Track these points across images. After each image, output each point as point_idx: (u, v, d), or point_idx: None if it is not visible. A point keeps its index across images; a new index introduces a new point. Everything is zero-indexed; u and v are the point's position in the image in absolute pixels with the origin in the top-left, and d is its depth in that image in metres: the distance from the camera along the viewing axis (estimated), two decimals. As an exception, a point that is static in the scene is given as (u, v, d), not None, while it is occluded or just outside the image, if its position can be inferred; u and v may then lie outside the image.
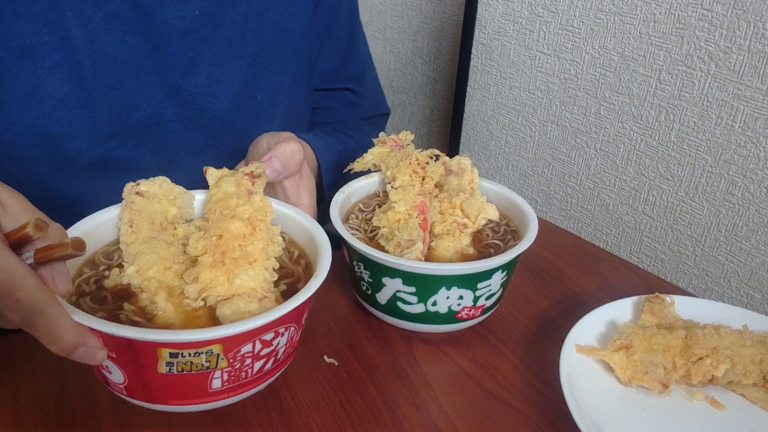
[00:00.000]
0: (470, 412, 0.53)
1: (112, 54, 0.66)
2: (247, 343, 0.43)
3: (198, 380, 0.43)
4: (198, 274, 0.48)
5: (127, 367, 0.43)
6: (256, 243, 0.50)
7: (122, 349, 0.42)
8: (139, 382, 0.43)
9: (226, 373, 0.44)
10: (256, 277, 0.48)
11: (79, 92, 0.65)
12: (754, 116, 0.93)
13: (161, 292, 0.47)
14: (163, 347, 0.41)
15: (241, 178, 0.58)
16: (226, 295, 0.47)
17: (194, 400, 0.45)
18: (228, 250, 0.49)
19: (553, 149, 1.28)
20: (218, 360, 0.42)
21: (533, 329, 0.63)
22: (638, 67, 1.07)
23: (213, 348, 0.41)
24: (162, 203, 0.55)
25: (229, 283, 0.47)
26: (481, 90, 1.42)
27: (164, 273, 0.49)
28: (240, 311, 0.45)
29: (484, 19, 1.35)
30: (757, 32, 0.90)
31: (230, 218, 0.52)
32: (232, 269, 0.47)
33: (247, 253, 0.49)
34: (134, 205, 0.53)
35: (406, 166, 0.64)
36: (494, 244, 0.61)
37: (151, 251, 0.50)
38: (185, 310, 0.47)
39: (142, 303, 0.47)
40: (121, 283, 0.49)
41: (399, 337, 0.61)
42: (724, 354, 0.52)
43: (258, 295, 0.47)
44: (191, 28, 0.69)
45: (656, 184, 1.10)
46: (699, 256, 1.07)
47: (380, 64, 1.81)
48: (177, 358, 0.41)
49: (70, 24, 0.63)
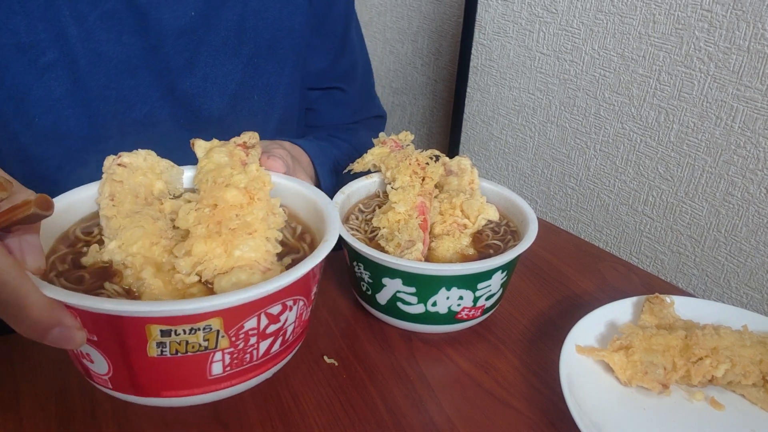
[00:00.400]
0: (470, 412, 0.53)
1: (107, 53, 0.65)
2: (251, 317, 0.38)
3: (195, 364, 0.38)
4: (191, 246, 0.42)
5: (110, 352, 0.37)
6: (255, 212, 0.45)
7: (104, 330, 0.36)
8: (126, 370, 0.38)
9: (228, 354, 0.38)
10: (257, 248, 0.43)
11: (75, 91, 0.65)
12: (754, 117, 0.93)
13: (148, 268, 0.42)
14: (153, 323, 0.35)
15: (234, 149, 0.53)
16: (224, 268, 0.42)
17: (191, 390, 0.39)
18: (224, 220, 0.44)
19: (553, 150, 1.28)
20: (218, 338, 0.37)
21: (533, 329, 0.63)
22: (638, 67, 1.07)
23: (212, 323, 0.36)
24: (147, 176, 0.50)
25: (227, 255, 0.42)
26: (481, 91, 1.42)
27: (150, 248, 0.44)
28: (241, 284, 0.40)
29: (483, 19, 1.35)
30: (756, 32, 0.90)
31: (224, 186, 0.47)
32: (229, 240, 0.42)
33: (246, 223, 0.44)
34: (115, 176, 0.48)
35: (406, 166, 0.64)
36: (494, 245, 0.61)
37: (135, 225, 0.44)
38: (177, 287, 0.42)
39: (127, 281, 0.42)
40: (101, 261, 0.44)
41: (399, 337, 0.61)
42: (723, 354, 0.52)
43: (260, 267, 0.42)
44: (187, 28, 0.69)
45: (656, 185, 1.10)
46: (699, 256, 1.07)
47: (380, 64, 1.81)
48: (169, 337, 0.36)
49: (66, 23, 0.63)
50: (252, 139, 0.55)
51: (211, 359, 0.38)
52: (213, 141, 0.55)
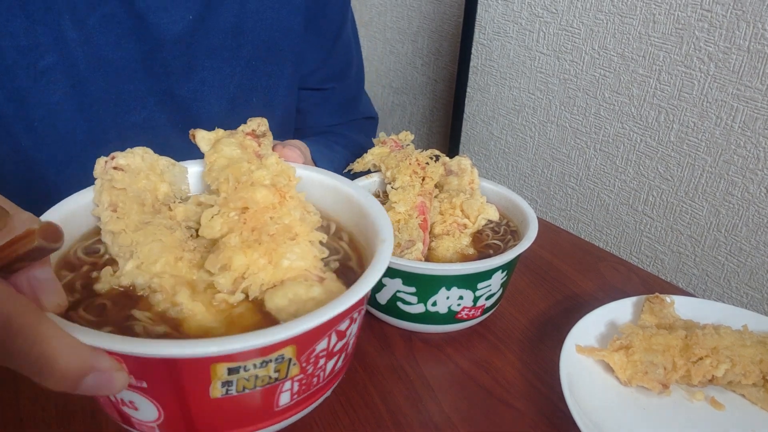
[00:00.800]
0: (470, 412, 0.53)
1: (106, 57, 0.65)
2: (323, 339, 0.34)
3: (263, 398, 0.34)
4: (228, 259, 0.37)
5: (163, 398, 0.32)
6: (291, 213, 0.40)
7: (158, 375, 0.31)
8: (181, 415, 0.33)
9: (297, 382, 0.34)
10: (305, 255, 0.38)
11: (75, 95, 0.65)
12: (754, 116, 0.93)
13: (183, 290, 0.37)
14: (220, 362, 0.30)
15: (244, 139, 0.47)
16: (271, 281, 0.37)
17: (255, 425, 0.35)
18: (259, 225, 0.38)
19: (553, 150, 1.28)
20: (289, 367, 0.33)
21: (533, 329, 0.63)
22: (638, 67, 1.07)
23: (284, 352, 0.32)
24: (150, 178, 0.44)
25: (273, 266, 0.37)
26: (481, 90, 1.42)
27: (176, 265, 0.38)
28: (300, 299, 0.35)
29: (483, 19, 1.35)
30: (756, 32, 0.90)
31: (250, 186, 0.41)
32: (272, 248, 0.37)
33: (285, 227, 0.38)
34: (116, 183, 0.42)
35: (406, 166, 0.64)
36: (494, 245, 0.61)
37: (151, 239, 0.39)
38: (221, 308, 0.37)
39: (159, 307, 0.36)
40: (119, 285, 0.38)
41: (399, 337, 0.61)
42: (723, 354, 0.52)
43: (315, 277, 0.37)
44: (184, 32, 0.69)
45: (656, 185, 1.10)
46: (699, 256, 1.07)
47: (380, 64, 1.81)
48: (237, 374, 0.31)
49: (65, 26, 0.62)
50: (261, 126, 0.50)
51: (280, 390, 0.34)
52: (217, 131, 0.49)
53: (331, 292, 0.36)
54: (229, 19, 0.71)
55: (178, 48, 0.69)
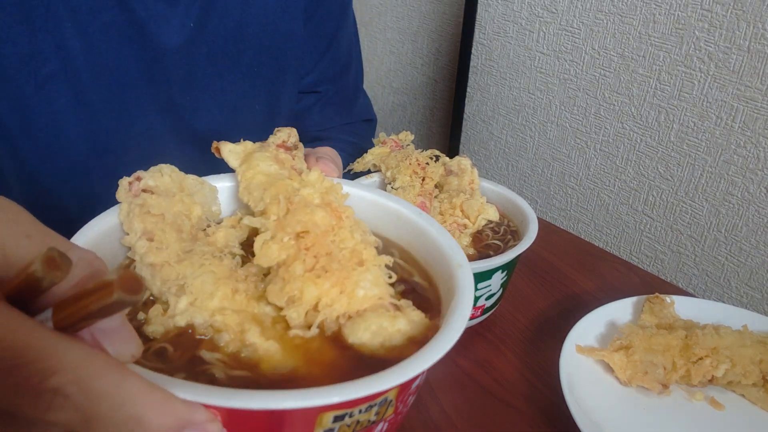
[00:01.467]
0: (470, 412, 0.53)
1: (108, 65, 0.65)
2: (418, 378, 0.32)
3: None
4: (297, 290, 0.34)
5: None
6: (352, 236, 0.37)
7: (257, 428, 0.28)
8: None
9: (388, 422, 0.32)
10: (377, 282, 0.35)
11: (77, 104, 0.64)
12: (754, 116, 0.93)
13: (252, 327, 0.33)
14: (328, 411, 0.28)
15: (278, 152, 0.44)
16: (347, 312, 0.34)
17: None
18: (322, 251, 0.35)
19: (553, 149, 1.28)
20: (387, 409, 0.31)
21: (533, 329, 0.63)
22: (638, 67, 1.07)
23: (389, 395, 0.30)
24: (183, 201, 0.40)
25: (347, 296, 0.34)
26: (481, 90, 1.42)
27: (233, 299, 0.35)
28: (386, 332, 0.33)
29: (484, 19, 1.35)
30: (756, 32, 0.90)
31: (304, 207, 0.37)
32: (344, 277, 0.34)
33: (352, 251, 0.36)
34: (151, 209, 0.38)
35: (406, 166, 0.64)
36: (494, 245, 0.61)
37: (200, 271, 0.35)
38: (297, 344, 0.33)
39: (228, 348, 0.33)
40: (176, 326, 0.33)
41: (399, 337, 0.61)
42: (723, 354, 0.52)
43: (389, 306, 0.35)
44: (185, 40, 0.68)
45: (656, 184, 1.10)
46: (699, 256, 1.07)
47: (380, 64, 1.81)
48: (342, 421, 0.29)
49: (67, 33, 0.61)
50: (292, 137, 0.46)
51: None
52: (245, 143, 0.45)
53: (414, 323, 0.34)
54: (229, 25, 0.71)
55: (179, 56, 0.68)
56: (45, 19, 0.60)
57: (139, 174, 0.40)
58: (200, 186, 0.43)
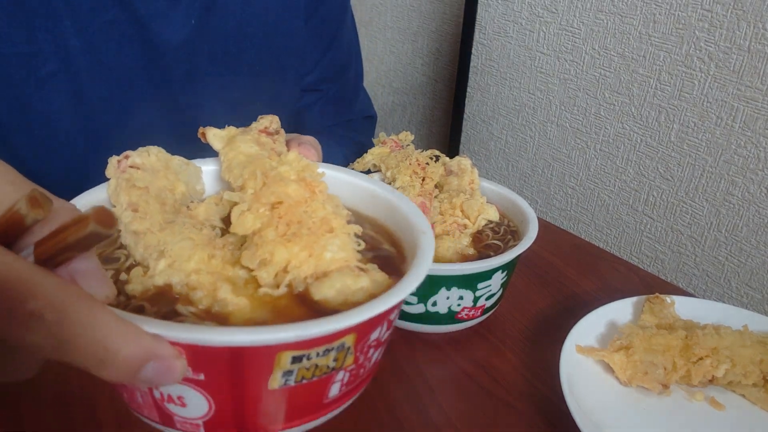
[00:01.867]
0: (470, 412, 0.53)
1: (108, 64, 0.65)
2: (377, 328, 0.34)
3: (315, 390, 0.33)
4: (268, 254, 0.37)
5: (220, 392, 0.31)
6: (324, 206, 0.40)
7: (220, 366, 0.30)
8: (232, 409, 0.31)
9: (349, 372, 0.34)
10: (345, 247, 0.38)
11: (76, 103, 0.64)
12: (754, 116, 0.93)
13: (224, 285, 0.36)
14: (287, 350, 0.30)
15: (259, 136, 0.47)
16: (315, 274, 0.37)
17: (302, 419, 0.34)
18: (294, 219, 0.38)
19: (553, 150, 1.28)
20: (346, 356, 0.33)
21: (533, 329, 0.63)
22: (638, 67, 1.07)
23: (346, 340, 0.32)
24: (168, 177, 0.43)
25: (315, 258, 0.37)
26: (481, 90, 1.42)
27: (210, 262, 0.37)
28: (350, 290, 0.35)
29: (484, 19, 1.35)
30: (757, 32, 0.90)
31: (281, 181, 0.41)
32: (312, 241, 0.37)
33: (321, 219, 0.39)
34: (137, 182, 0.41)
35: (406, 166, 0.64)
36: (494, 245, 0.61)
37: (180, 238, 0.38)
38: (265, 300, 0.36)
39: (202, 304, 0.35)
40: (154, 285, 0.36)
41: (399, 337, 0.61)
42: (724, 354, 0.52)
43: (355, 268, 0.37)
44: (187, 38, 0.68)
45: (656, 185, 1.10)
46: (699, 256, 1.07)
47: (380, 64, 1.81)
48: (300, 363, 0.31)
49: (67, 33, 0.61)
50: (273, 123, 0.49)
51: (332, 380, 0.34)
52: (229, 129, 0.48)
53: (377, 282, 0.36)
54: (231, 23, 0.71)
55: (180, 54, 0.68)
56: (45, 19, 0.60)
57: (128, 153, 0.43)
58: (185, 166, 0.46)
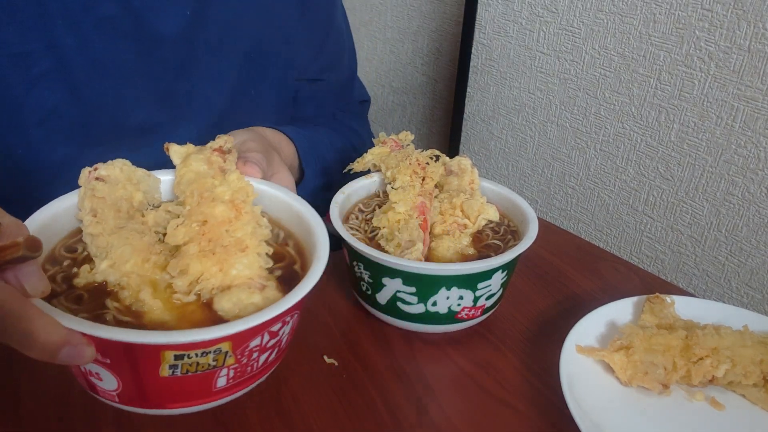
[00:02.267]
0: (470, 412, 0.53)
1: (103, 60, 0.64)
2: (256, 337, 0.40)
3: (202, 380, 0.41)
4: (186, 265, 0.44)
5: (122, 373, 0.39)
6: (244, 227, 0.46)
7: (119, 354, 0.38)
8: (135, 387, 0.40)
9: (233, 370, 0.41)
10: (251, 265, 0.45)
11: (72, 100, 0.64)
12: (754, 116, 0.93)
13: (146, 288, 0.43)
14: (168, 350, 0.37)
15: (211, 155, 0.53)
16: (221, 286, 0.43)
17: (196, 401, 0.42)
18: (215, 237, 0.45)
19: (553, 149, 1.28)
20: (226, 358, 0.40)
21: (533, 329, 0.63)
22: (638, 67, 1.07)
23: (222, 346, 0.39)
24: (126, 188, 0.50)
25: (223, 273, 0.44)
26: (481, 90, 1.42)
27: (142, 266, 0.45)
28: (242, 304, 0.42)
29: (484, 19, 1.35)
30: (757, 32, 0.90)
31: (211, 201, 0.48)
32: (224, 258, 0.44)
33: (237, 240, 0.45)
34: (96, 192, 0.48)
35: (406, 166, 0.64)
36: (494, 245, 0.61)
37: (123, 243, 0.45)
38: (176, 305, 0.43)
39: (126, 301, 0.43)
40: (94, 281, 0.44)
41: (399, 337, 0.61)
42: (724, 354, 0.52)
43: (257, 285, 0.44)
44: (182, 29, 0.68)
45: (656, 184, 1.10)
46: (699, 256, 1.07)
47: (380, 64, 1.81)
48: (182, 360, 0.38)
49: (59, 32, 0.61)
50: (227, 143, 0.55)
51: (217, 375, 0.41)
52: (188, 146, 0.55)
53: (268, 299, 0.42)
54: (225, 12, 0.71)
55: (175, 45, 0.68)
56: (36, 18, 0.60)
57: (97, 166, 0.51)
58: (147, 177, 0.53)
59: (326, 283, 0.69)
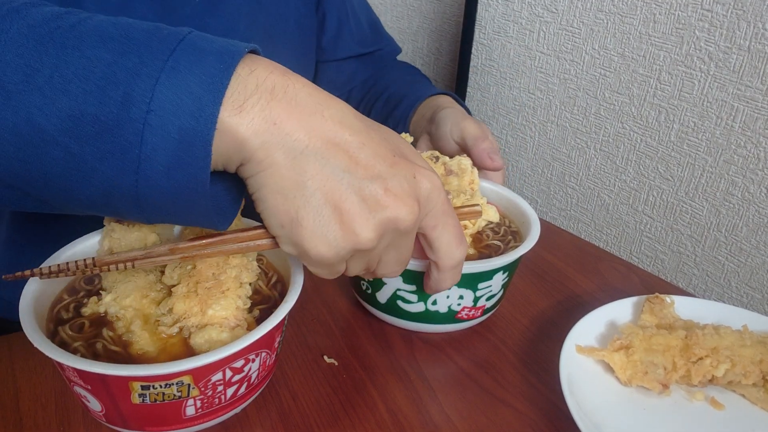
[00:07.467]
0: (470, 412, 0.53)
1: None
2: (217, 372, 0.44)
3: (171, 409, 0.44)
4: (173, 304, 0.49)
5: (102, 399, 0.44)
6: (228, 271, 0.50)
7: (96, 383, 0.43)
8: (115, 411, 0.44)
9: (199, 400, 0.45)
10: (228, 306, 0.48)
11: None
12: (754, 116, 0.93)
13: (137, 320, 0.48)
14: (134, 381, 0.41)
15: None
16: (199, 324, 0.47)
17: (170, 426, 0.46)
18: (201, 279, 0.49)
19: (553, 149, 1.28)
20: (189, 389, 0.43)
21: (533, 329, 0.63)
22: (638, 67, 1.07)
23: (183, 379, 0.42)
24: (142, 230, 0.55)
25: (202, 313, 0.48)
26: (481, 90, 1.42)
27: (140, 301, 0.50)
28: (212, 340, 0.46)
29: (484, 19, 1.35)
30: (757, 32, 0.90)
31: None
32: (204, 299, 0.48)
33: (219, 282, 0.49)
34: (114, 234, 0.54)
35: (406, 166, 0.64)
36: (494, 245, 0.61)
37: (127, 280, 0.51)
38: (161, 338, 0.48)
39: (119, 331, 0.48)
40: (97, 312, 0.50)
41: (399, 337, 0.61)
42: (724, 354, 0.52)
43: (230, 324, 0.48)
44: (192, 15, 0.68)
45: (656, 185, 1.10)
46: (699, 256, 1.07)
47: (380, 64, 1.81)
48: (148, 390, 0.42)
49: None
50: None
51: (185, 405, 0.44)
52: None
53: (237, 337, 0.45)
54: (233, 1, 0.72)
55: None
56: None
57: None
58: None
59: (326, 282, 0.69)
